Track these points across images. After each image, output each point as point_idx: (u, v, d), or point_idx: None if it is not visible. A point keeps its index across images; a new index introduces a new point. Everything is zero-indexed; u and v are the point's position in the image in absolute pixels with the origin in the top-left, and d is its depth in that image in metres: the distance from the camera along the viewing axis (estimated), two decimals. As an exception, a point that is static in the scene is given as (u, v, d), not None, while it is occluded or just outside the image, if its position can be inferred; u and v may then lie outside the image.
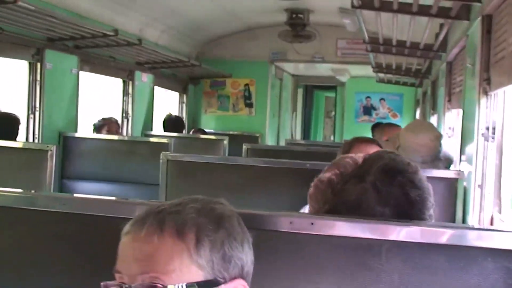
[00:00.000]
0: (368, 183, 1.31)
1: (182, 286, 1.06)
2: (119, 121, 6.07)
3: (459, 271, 1.20)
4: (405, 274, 1.22)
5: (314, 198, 1.40)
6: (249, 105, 8.96)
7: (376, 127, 8.25)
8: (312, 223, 1.25)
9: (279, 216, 1.29)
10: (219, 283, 1.10)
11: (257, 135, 8.47)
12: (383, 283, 1.23)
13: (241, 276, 1.14)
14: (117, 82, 6.54)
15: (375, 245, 1.23)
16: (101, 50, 5.60)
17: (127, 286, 1.08)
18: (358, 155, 1.41)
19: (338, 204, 1.32)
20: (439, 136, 3.43)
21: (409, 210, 1.30)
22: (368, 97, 11.04)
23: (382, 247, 1.23)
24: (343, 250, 1.25)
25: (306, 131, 13.85)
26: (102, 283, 1.11)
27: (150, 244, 1.07)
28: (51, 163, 3.33)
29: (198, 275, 1.08)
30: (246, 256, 1.15)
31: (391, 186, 1.30)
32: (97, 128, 5.49)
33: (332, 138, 13.48)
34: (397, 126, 5.64)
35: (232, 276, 1.12)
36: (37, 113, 4.93)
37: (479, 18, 3.25)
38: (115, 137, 5.23)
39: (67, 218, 1.45)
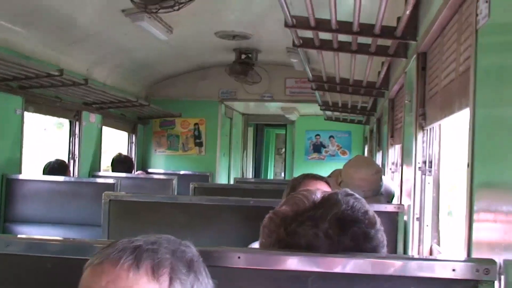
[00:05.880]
0: (321, 230, 1.30)
1: None
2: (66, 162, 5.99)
3: (383, 300, 1.23)
4: (331, 304, 1.24)
5: (267, 230, 1.40)
6: (199, 145, 8.97)
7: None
8: (239, 257, 1.26)
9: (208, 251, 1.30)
10: None
11: (208, 174, 8.46)
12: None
13: None
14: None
15: (302, 276, 1.25)
16: (46, 91, 5.52)
17: None
18: (316, 191, 1.40)
19: (288, 245, 1.32)
20: (379, 171, 3.50)
21: None
22: (318, 135, 11.20)
23: (308, 279, 1.24)
24: (271, 283, 1.27)
25: (257, 169, 13.89)
26: None
27: (125, 280, 1.05)
28: (-11, 206, 3.24)
29: None
30: None
31: (343, 236, 1.30)
32: (59, 170, 5.36)
33: (282, 175, 13.51)
34: None
35: None
36: (-22, 155, 4.83)
37: (415, 56, 3.37)
38: (61, 178, 5.14)
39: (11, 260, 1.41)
